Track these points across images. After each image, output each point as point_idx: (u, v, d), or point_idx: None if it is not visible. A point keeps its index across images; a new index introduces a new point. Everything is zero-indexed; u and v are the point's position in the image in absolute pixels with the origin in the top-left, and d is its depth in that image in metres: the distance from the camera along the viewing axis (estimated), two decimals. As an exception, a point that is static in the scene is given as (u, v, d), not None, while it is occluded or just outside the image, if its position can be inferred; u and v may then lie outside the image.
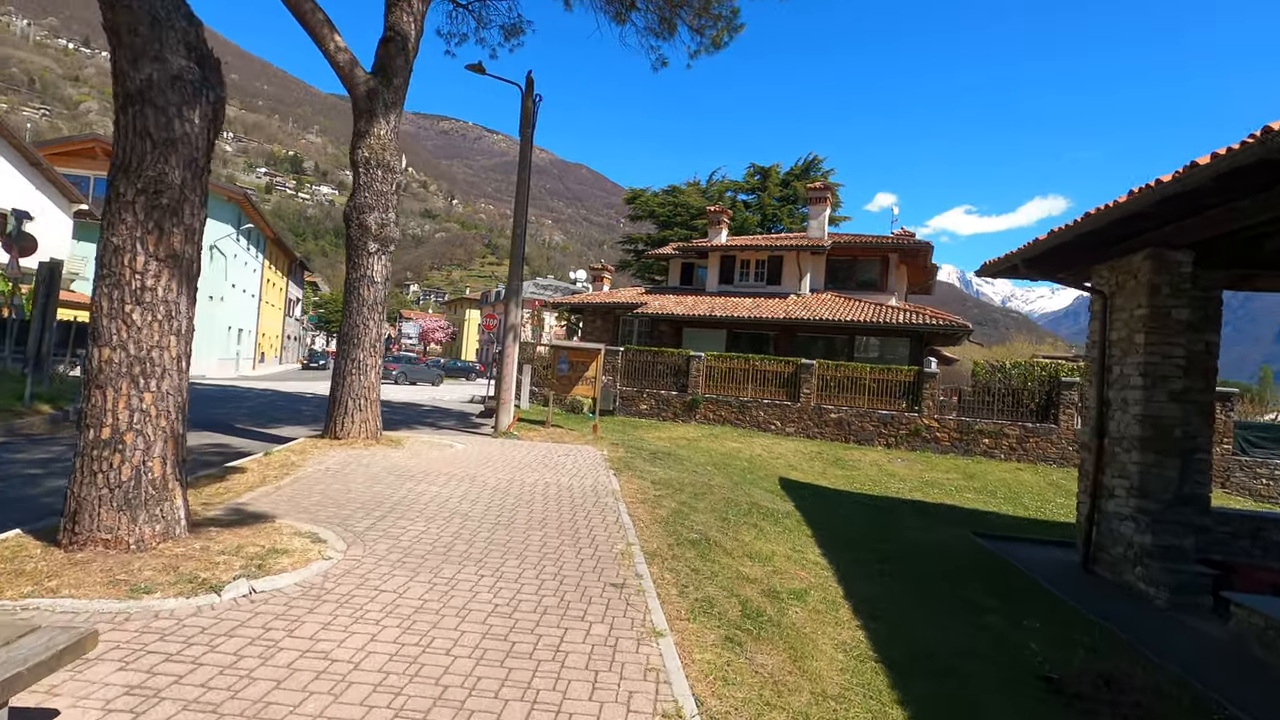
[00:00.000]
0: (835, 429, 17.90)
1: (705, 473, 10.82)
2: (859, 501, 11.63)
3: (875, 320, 19.31)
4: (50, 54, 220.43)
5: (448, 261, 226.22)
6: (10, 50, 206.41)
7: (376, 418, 9.65)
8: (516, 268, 13.16)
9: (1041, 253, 7.48)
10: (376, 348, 9.55)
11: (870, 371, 17.83)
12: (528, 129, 13.17)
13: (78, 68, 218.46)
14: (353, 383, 9.35)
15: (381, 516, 5.77)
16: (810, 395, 18.13)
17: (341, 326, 9.49)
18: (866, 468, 14.96)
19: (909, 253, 23.17)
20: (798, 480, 13.01)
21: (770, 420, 18.46)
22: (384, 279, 9.61)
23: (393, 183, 9.58)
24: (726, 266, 24.27)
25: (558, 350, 14.33)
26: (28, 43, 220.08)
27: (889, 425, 17.50)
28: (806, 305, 21.28)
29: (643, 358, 19.86)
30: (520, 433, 13.09)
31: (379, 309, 9.55)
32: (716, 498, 8.48)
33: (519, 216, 13.07)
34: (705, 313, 21.28)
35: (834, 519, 9.48)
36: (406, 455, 8.90)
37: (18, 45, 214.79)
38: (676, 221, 44.77)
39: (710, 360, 19.18)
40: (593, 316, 25.89)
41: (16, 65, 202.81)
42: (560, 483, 8.00)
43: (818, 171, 44.58)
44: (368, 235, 9.38)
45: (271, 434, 11.09)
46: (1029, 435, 16.53)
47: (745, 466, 13.37)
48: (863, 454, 16.20)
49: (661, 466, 10.29)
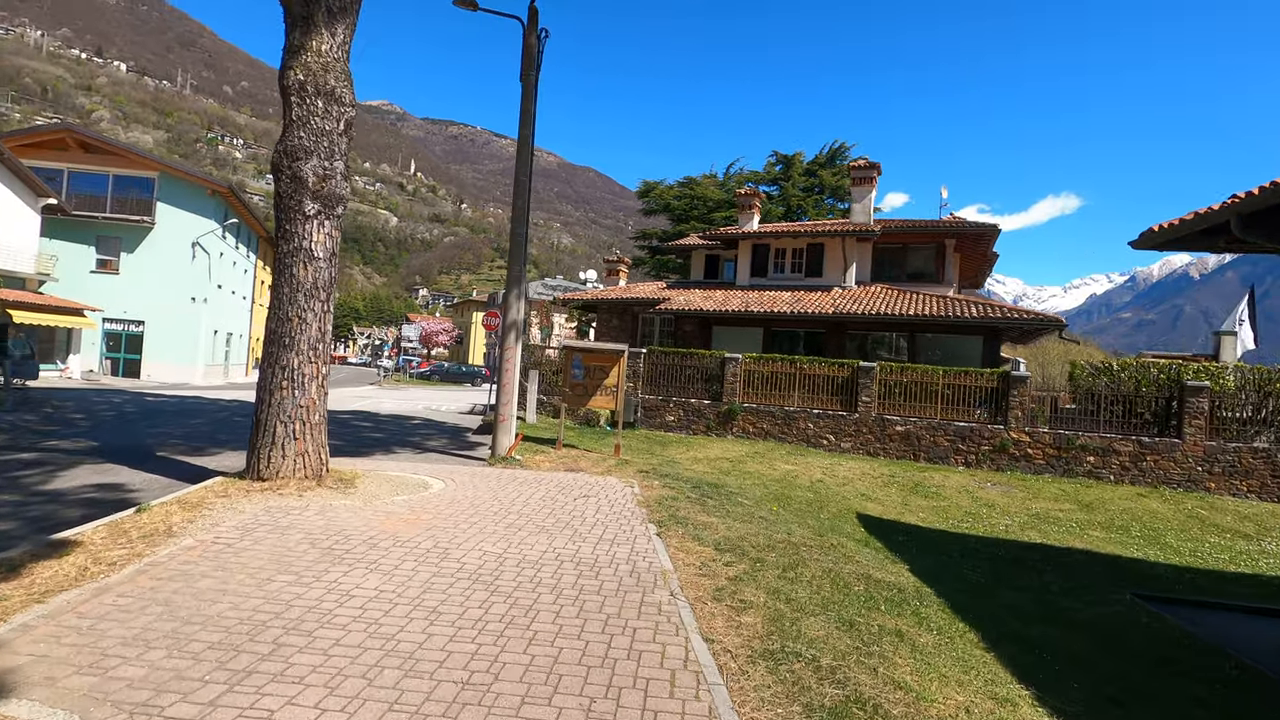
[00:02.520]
0: (901, 445, 14.97)
1: (777, 519, 7.96)
2: (974, 550, 8.75)
3: (943, 314, 16.36)
4: (63, 64, 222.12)
5: (456, 265, 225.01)
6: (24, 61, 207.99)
7: (320, 448, 6.89)
8: (518, 251, 10.40)
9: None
10: (319, 351, 6.81)
11: (944, 376, 14.89)
12: (531, 72, 10.44)
13: (90, 77, 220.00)
14: (283, 400, 6.60)
15: (231, 685, 2.96)
16: (871, 404, 15.22)
17: (267, 321, 6.76)
18: (954, 495, 12.04)
19: (970, 237, 20.19)
20: (881, 517, 10.12)
21: (822, 434, 15.56)
22: (329, 254, 6.86)
23: (340, 119, 6.84)
24: (759, 257, 21.41)
25: (571, 352, 11.55)
26: (40, 53, 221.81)
27: (967, 440, 14.54)
28: (857, 298, 18.37)
29: (668, 361, 17.04)
30: (524, 457, 10.32)
31: (322, 296, 6.81)
32: (814, 570, 5.63)
33: (520, 177, 10.32)
34: (738, 308, 18.43)
35: (971, 591, 6.61)
36: (354, 506, 6.13)
37: (31, 56, 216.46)
38: (694, 215, 42.05)
39: (749, 363, 16.32)
40: (608, 315, 23.11)
41: (30, 75, 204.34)
42: (580, 556, 5.19)
43: (844, 160, 41.67)
44: (304, 191, 6.64)
45: (197, 466, 8.40)
46: (1146, 452, 13.51)
47: (811, 498, 10.50)
48: (943, 476, 13.26)
49: (717, 512, 7.46)
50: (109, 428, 11.64)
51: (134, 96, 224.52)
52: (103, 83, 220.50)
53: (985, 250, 21.44)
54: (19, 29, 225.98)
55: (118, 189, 28.74)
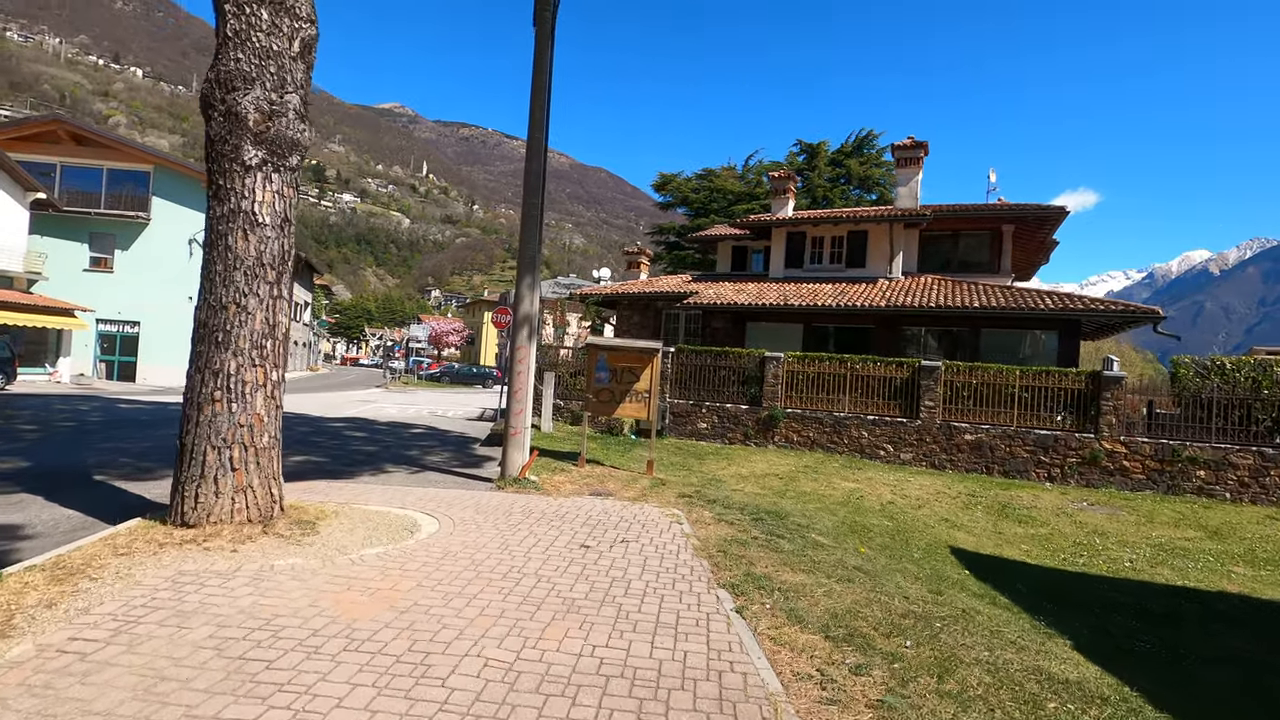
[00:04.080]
0: (971, 456, 13.00)
1: (875, 568, 6.05)
2: (1112, 600, 6.81)
3: (1015, 306, 14.35)
4: (81, 70, 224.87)
5: (468, 266, 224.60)
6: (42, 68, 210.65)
7: (270, 480, 5.13)
8: (532, 229, 8.60)
9: None
10: (268, 351, 5.05)
11: (1020, 376, 12.89)
12: (547, 18, 8.64)
13: (107, 83, 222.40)
14: (215, 418, 4.85)
15: None
16: (935, 409, 13.26)
17: (196, 311, 5.00)
18: (1051, 519, 10.08)
19: (1032, 222, 18.11)
20: (980, 552, 8.20)
21: (878, 443, 13.62)
22: (279, 219, 5.10)
23: (295, 37, 5.08)
24: (794, 246, 19.47)
25: (594, 351, 9.73)
26: (59, 60, 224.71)
27: (1051, 451, 12.55)
28: (909, 290, 16.40)
29: (700, 361, 15.18)
30: (541, 476, 8.53)
31: (270, 276, 5.04)
32: (976, 674, 3.76)
33: (535, 135, 8.53)
34: (776, 302, 16.52)
35: (1165, 679, 4.70)
36: (306, 569, 4.36)
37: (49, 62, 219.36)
38: (713, 208, 40.22)
39: (793, 363, 14.42)
40: (628, 311, 21.28)
41: (48, 82, 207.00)
42: (634, 663, 3.35)
43: (871, 148, 39.60)
44: (242, 132, 4.88)
45: (133, 496, 6.69)
46: (1270, 466, 11.45)
47: (890, 528, 8.60)
48: (1031, 495, 11.28)
49: (799, 561, 5.59)
50: (57, 442, 10.01)
51: (150, 101, 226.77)
52: (119, 88, 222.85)
53: (1045, 237, 19.36)
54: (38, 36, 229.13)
55: (112, 183, 27.40)
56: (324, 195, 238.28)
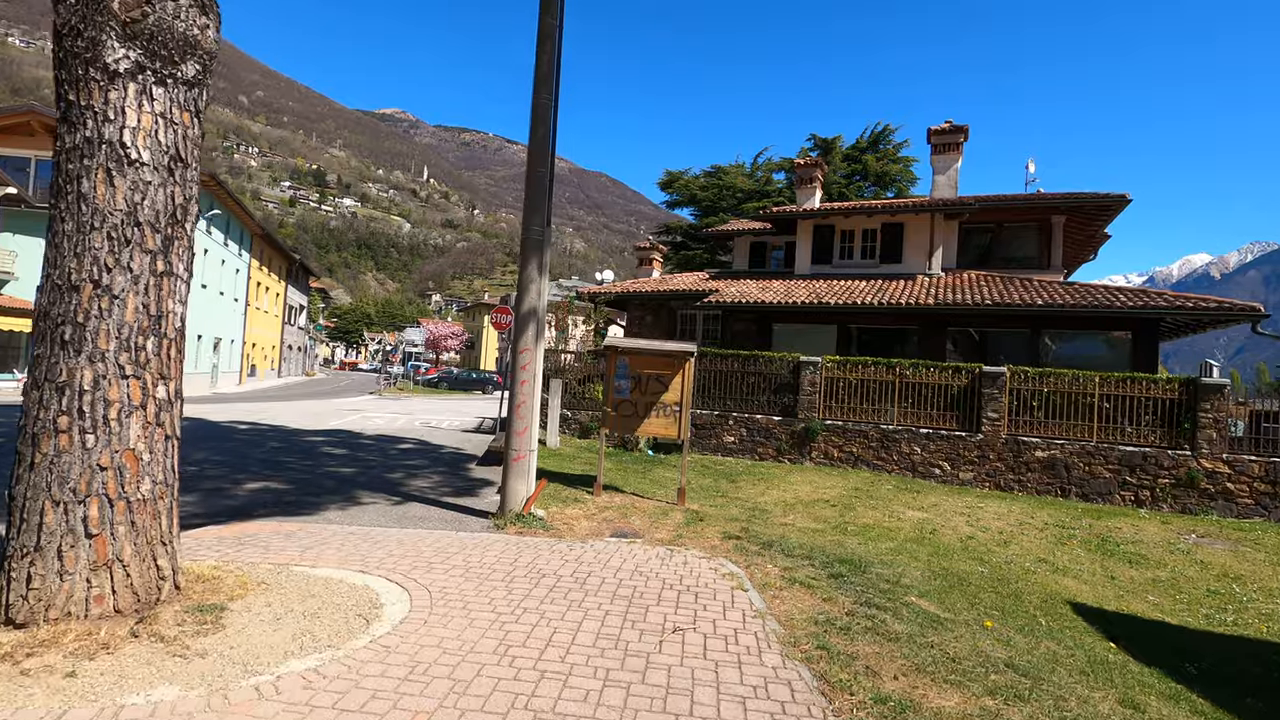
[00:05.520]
0: (1043, 476, 11.27)
1: (1028, 663, 4.29)
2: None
3: (1088, 304, 12.62)
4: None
5: (469, 271, 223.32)
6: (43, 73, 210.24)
7: (156, 545, 3.42)
8: (538, 200, 6.92)
9: None
10: (148, 355, 3.36)
11: (1102, 384, 11.17)
12: (556, -58, 6.99)
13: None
14: (61, 457, 3.15)
15: None
16: (999, 421, 11.54)
17: (38, 295, 3.32)
18: (1163, 556, 8.34)
19: (1088, 211, 16.41)
20: (1103, 608, 6.46)
21: (933, 461, 11.89)
22: (165, 156, 3.41)
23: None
24: (822, 240, 17.79)
25: (614, 355, 8.02)
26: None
27: (1138, 471, 10.81)
28: (955, 286, 14.70)
29: (725, 366, 13.48)
30: (550, 511, 6.83)
31: (152, 242, 3.36)
32: None
33: (542, 98, 6.86)
34: (807, 300, 14.82)
35: None
36: (184, 709, 2.65)
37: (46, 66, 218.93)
38: (722, 206, 38.62)
39: (832, 368, 12.71)
40: (639, 311, 19.58)
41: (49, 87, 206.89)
42: None
43: (887, 143, 38.03)
44: (103, 20, 3.21)
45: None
46: (1407, 489, 9.72)
47: (987, 575, 6.85)
48: (1129, 525, 9.53)
49: (926, 659, 3.87)
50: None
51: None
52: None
53: (1098, 229, 17.68)
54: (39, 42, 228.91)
55: (89, 179, 25.79)
56: (325, 200, 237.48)
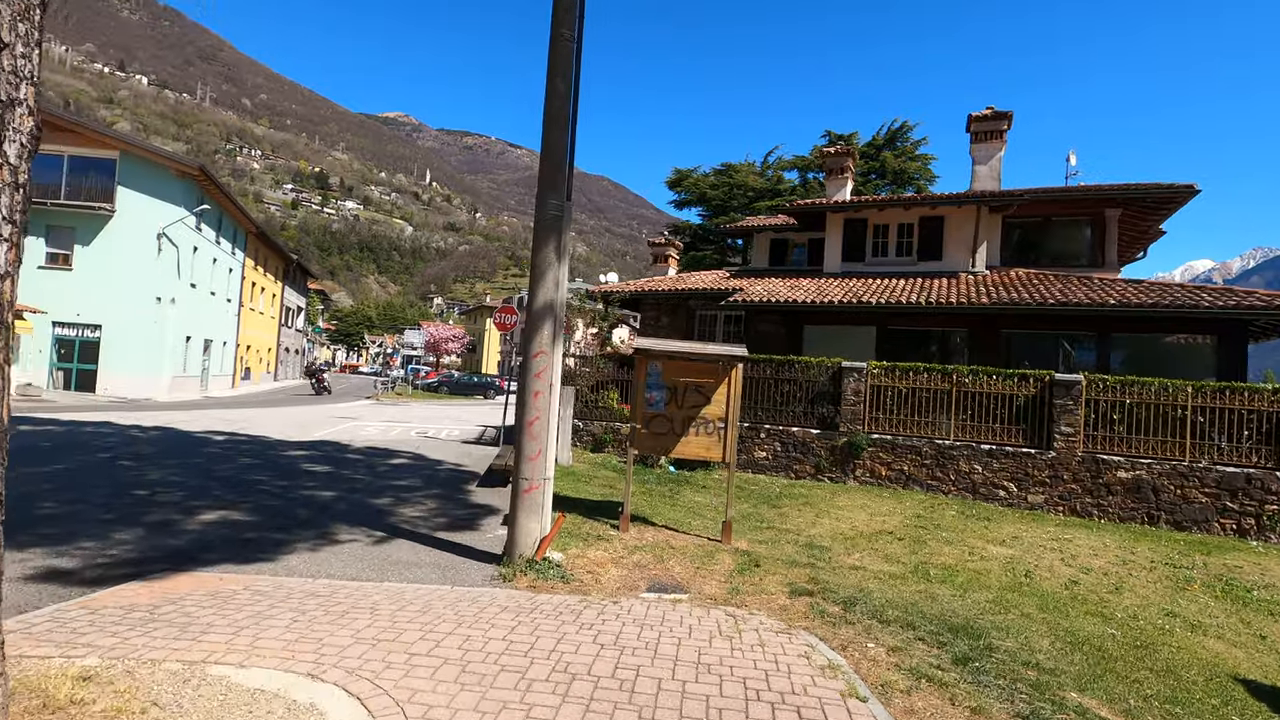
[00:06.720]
0: (1127, 500, 9.82)
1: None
2: None
3: (1166, 304, 11.19)
4: (86, 78, 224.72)
5: (471, 274, 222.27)
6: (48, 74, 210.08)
7: None
8: (555, 164, 5.53)
9: None
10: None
11: (1195, 395, 9.73)
12: None
13: (112, 90, 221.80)
14: None
15: None
16: (1074, 437, 10.09)
17: None
18: (1302, 606, 6.89)
19: (1149, 205, 14.99)
20: (1275, 686, 5.02)
21: (997, 481, 10.45)
22: None
23: None
24: (853, 235, 16.40)
25: (643, 361, 6.61)
26: (65, 67, 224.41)
27: (1240, 495, 9.36)
28: (1007, 285, 13.27)
29: (754, 373, 12.06)
30: (569, 553, 5.42)
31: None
32: None
33: (561, 30, 5.48)
34: (843, 299, 13.40)
35: None
36: None
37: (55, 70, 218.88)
38: (732, 206, 37.27)
39: (878, 375, 11.28)
40: (654, 312, 18.18)
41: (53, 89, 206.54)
42: None
43: (905, 140, 36.69)
44: None
45: None
46: None
47: (1122, 641, 5.39)
48: (1249, 563, 8.06)
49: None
50: None
51: (154, 109, 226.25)
52: (124, 96, 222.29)
53: (1154, 224, 16.26)
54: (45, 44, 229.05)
55: (73, 172, 24.55)
56: (327, 202, 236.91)
